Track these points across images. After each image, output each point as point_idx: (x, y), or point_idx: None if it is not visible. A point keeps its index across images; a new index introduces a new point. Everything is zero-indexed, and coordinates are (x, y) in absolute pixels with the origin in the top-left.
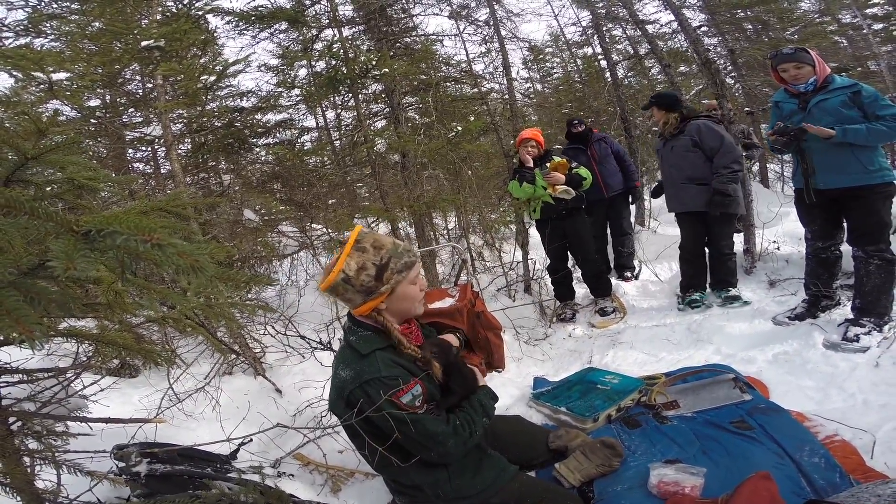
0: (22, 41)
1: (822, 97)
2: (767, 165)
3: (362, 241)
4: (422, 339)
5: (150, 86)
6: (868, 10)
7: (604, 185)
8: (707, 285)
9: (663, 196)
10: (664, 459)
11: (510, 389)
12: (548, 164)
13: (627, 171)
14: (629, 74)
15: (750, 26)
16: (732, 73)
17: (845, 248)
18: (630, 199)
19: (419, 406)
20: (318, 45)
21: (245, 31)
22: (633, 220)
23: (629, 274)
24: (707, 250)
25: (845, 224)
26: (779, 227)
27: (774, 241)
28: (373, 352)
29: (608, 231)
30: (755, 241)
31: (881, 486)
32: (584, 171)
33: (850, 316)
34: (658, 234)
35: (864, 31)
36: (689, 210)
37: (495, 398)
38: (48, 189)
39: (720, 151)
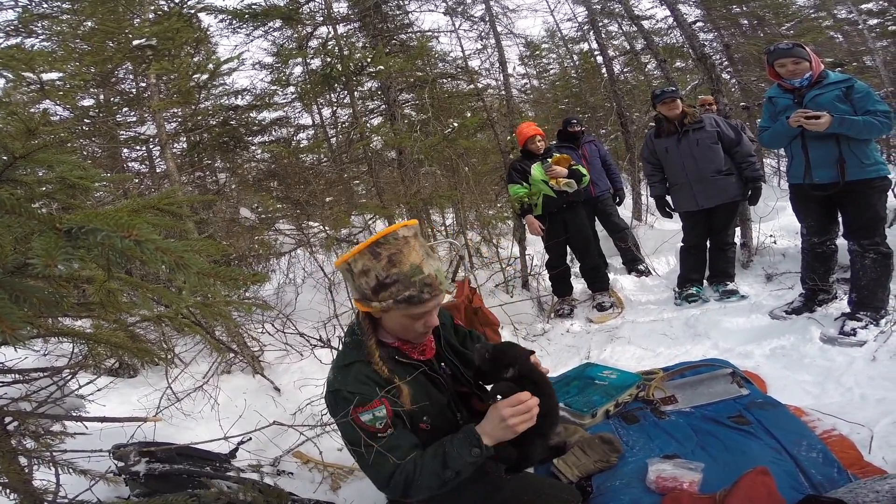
0: (12, 41)
1: (816, 92)
2: (764, 160)
3: (386, 245)
4: (434, 351)
5: (143, 85)
6: (863, 6)
7: (592, 185)
8: (704, 280)
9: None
10: (662, 455)
11: None
12: (548, 160)
13: (612, 175)
14: (625, 70)
15: (745, 21)
16: (728, 69)
17: (841, 242)
18: (616, 201)
19: (381, 427)
20: (313, 43)
21: (239, 30)
22: (630, 215)
23: (643, 268)
24: (708, 243)
25: (840, 218)
26: (775, 222)
27: (771, 235)
28: (352, 363)
29: (598, 230)
30: (752, 235)
31: (879, 481)
32: (582, 169)
33: (847, 310)
34: (655, 229)
35: (860, 27)
36: (720, 203)
37: (475, 443)
38: (41, 189)
39: (742, 142)
